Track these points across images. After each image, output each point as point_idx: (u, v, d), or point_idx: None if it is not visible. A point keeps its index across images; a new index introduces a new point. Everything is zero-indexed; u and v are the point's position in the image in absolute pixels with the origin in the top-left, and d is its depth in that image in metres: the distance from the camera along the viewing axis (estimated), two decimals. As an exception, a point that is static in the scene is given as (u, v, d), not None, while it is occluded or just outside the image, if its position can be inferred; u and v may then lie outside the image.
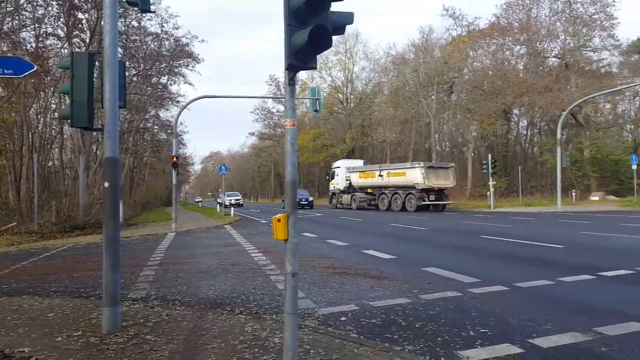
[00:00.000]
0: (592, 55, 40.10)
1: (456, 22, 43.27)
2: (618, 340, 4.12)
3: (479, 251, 10.34)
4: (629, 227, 14.93)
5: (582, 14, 37.76)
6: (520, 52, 41.50)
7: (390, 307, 5.47)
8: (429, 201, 27.81)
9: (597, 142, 39.20)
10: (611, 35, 37.56)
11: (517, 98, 37.88)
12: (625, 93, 42.06)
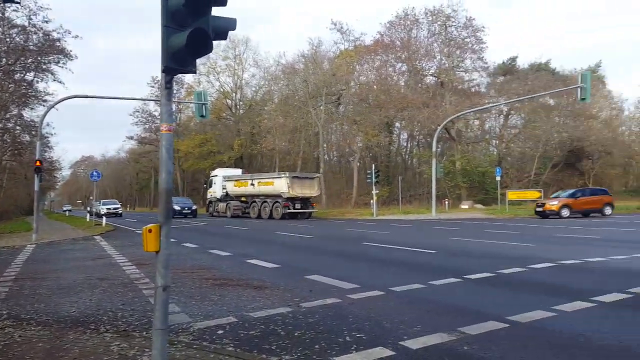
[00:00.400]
0: (464, 75, 44.45)
1: (344, 36, 45.18)
2: (478, 339, 4.52)
3: (360, 258, 10.79)
4: (492, 233, 16.64)
5: (455, 37, 41.66)
6: (401, 69, 44.54)
7: (270, 317, 5.45)
8: (294, 209, 29.77)
9: (467, 155, 43.37)
10: (480, 58, 41.99)
11: (399, 112, 40.53)
12: (491, 111, 47.17)
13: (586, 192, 27.26)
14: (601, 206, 25.98)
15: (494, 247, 12.38)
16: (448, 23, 41.10)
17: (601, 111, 55.00)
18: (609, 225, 18.98)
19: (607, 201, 26.42)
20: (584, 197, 25.97)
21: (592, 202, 25.91)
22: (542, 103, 46.10)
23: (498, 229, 18.58)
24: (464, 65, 43.08)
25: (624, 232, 16.01)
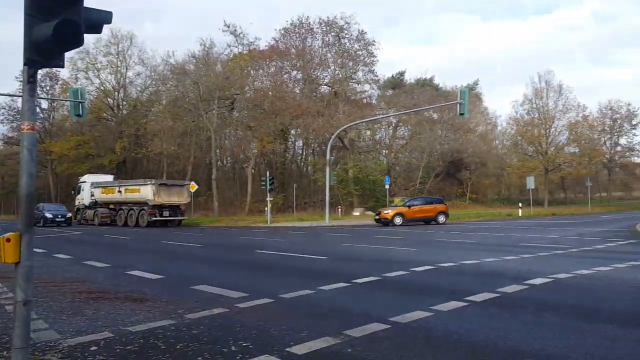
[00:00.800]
0: (357, 86, 46.42)
1: (237, 39, 44.79)
2: (362, 341, 4.70)
3: (251, 266, 10.71)
4: (381, 238, 17.48)
5: (349, 48, 43.37)
6: (297, 77, 45.24)
7: (151, 331, 5.18)
8: (161, 217, 29.76)
9: (359, 163, 45.23)
10: (372, 71, 44.17)
11: (294, 120, 41.12)
12: (382, 122, 49.78)
13: (425, 201, 28.76)
14: (434, 215, 27.23)
15: (382, 252, 13.00)
16: (342, 35, 42.67)
17: (478, 126, 60.73)
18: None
19: (441, 210, 27.68)
20: (418, 206, 27.21)
21: (425, 211, 27.17)
22: (426, 116, 49.71)
23: (386, 234, 19.56)
24: (357, 77, 45.02)
25: (496, 237, 17.69)
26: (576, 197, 65.59)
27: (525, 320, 5.42)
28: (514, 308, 6.02)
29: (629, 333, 4.86)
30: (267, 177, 31.24)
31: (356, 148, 47.82)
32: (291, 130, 46.16)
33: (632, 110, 58.29)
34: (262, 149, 41.22)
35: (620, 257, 10.93)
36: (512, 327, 5.12)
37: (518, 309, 5.98)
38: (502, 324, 5.26)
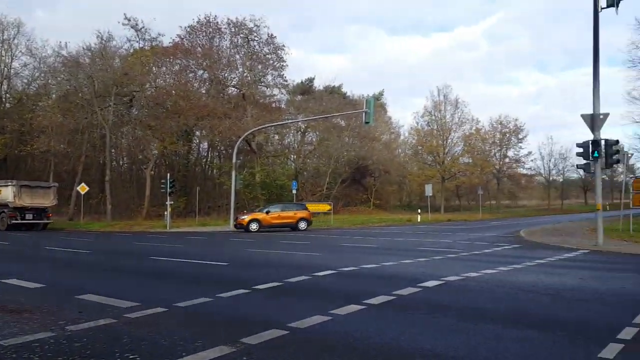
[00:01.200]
0: (266, 90, 46.25)
1: (139, 34, 42.72)
2: (259, 348, 4.63)
3: (145, 273, 10.20)
4: (286, 243, 17.51)
5: (258, 51, 43.11)
6: (203, 77, 44.10)
7: (26, 345, 4.72)
8: (24, 220, 28.63)
9: (267, 168, 45.07)
10: (281, 75, 44.23)
11: (199, 121, 40.00)
12: (290, 127, 50.10)
13: (285, 207, 28.12)
14: (295, 221, 26.83)
15: (286, 257, 13.02)
16: (251, 37, 42.33)
17: (383, 134, 63.31)
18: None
19: (302, 216, 27.19)
20: (277, 213, 26.82)
21: (285, 217, 26.81)
22: (334, 123, 50.86)
23: (292, 239, 19.64)
24: (266, 81, 44.88)
25: (396, 242, 18.47)
26: (469, 204, 70.60)
27: (418, 322, 5.69)
28: (408, 310, 6.30)
29: (509, 331, 5.27)
30: (168, 179, 30.05)
31: (264, 152, 47.64)
32: (196, 131, 44.85)
33: (519, 125, 64.18)
34: (164, 150, 39.58)
35: (505, 260, 11.91)
36: (405, 328, 5.34)
37: (412, 310, 6.26)
38: (396, 326, 5.47)
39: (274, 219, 26.47)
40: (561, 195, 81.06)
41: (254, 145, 43.41)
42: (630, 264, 11.82)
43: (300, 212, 27.59)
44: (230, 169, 32.95)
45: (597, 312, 6.27)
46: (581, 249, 15.04)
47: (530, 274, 9.65)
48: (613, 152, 15.73)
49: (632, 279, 9.07)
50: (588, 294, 7.47)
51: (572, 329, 5.35)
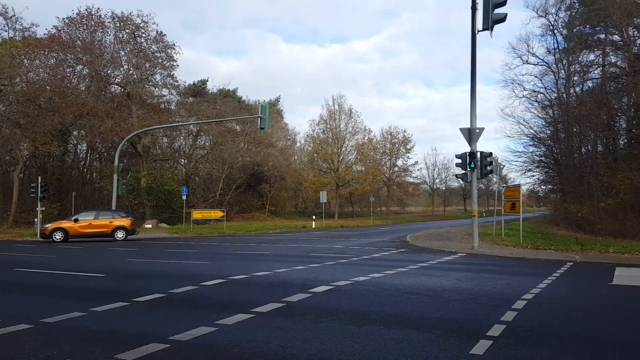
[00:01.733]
0: (154, 90, 44.30)
1: (8, 22, 38.78)
2: (136, 363, 4.40)
3: (8, 287, 9.22)
4: (173, 252, 16.86)
5: (145, 49, 41.19)
6: (82, 73, 41.14)
7: None
8: None
9: (154, 172, 43.12)
10: (171, 75, 42.65)
11: (77, 120, 37.21)
12: (181, 130, 48.41)
13: (98, 214, 25.04)
14: (110, 230, 24.38)
15: (172, 266, 12.53)
16: (137, 33, 40.36)
17: (279, 141, 63.69)
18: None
19: (120, 225, 24.60)
20: (88, 221, 24.31)
21: (97, 226, 24.29)
22: (229, 127, 50.14)
23: (180, 248, 18.95)
24: (154, 80, 43.03)
25: (290, 248, 18.59)
26: (362, 210, 73.35)
27: (306, 327, 5.77)
28: (296, 316, 6.36)
29: (392, 332, 5.54)
30: (39, 183, 27.52)
31: (151, 155, 45.51)
32: (73, 131, 41.62)
33: (407, 136, 68.15)
34: (35, 150, 36.21)
35: (391, 264, 12.53)
36: (293, 335, 5.39)
37: (300, 317, 6.34)
38: (284, 333, 5.50)
39: (84, 228, 24.00)
40: (444, 203, 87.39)
41: (139, 147, 41.33)
42: (500, 265, 13.03)
43: (119, 220, 24.87)
44: (112, 173, 31.04)
45: (470, 311, 6.81)
46: (459, 253, 16.28)
47: (413, 276, 10.24)
48: (487, 163, 17.27)
49: (501, 280, 10.00)
50: (463, 294, 8.10)
51: (448, 328, 5.76)
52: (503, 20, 15.83)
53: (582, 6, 36.35)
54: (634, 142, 30.38)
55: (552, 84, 41.91)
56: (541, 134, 43.90)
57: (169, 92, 45.32)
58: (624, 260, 14.01)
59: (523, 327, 5.88)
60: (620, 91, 32.80)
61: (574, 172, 34.51)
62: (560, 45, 40.42)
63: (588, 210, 28.93)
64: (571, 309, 7.28)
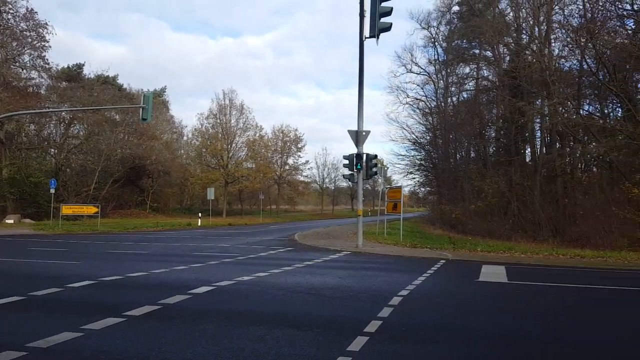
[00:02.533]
0: (21, 71, 40.10)
1: None
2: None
3: None
4: (38, 251, 15.39)
5: (12, 26, 37.20)
6: None
7: None
8: None
9: (18, 162, 39.12)
10: (41, 57, 38.89)
11: None
12: (51, 117, 44.35)
13: None
14: None
15: (35, 266, 11.44)
16: (4, 9, 36.32)
17: (163, 134, 61.00)
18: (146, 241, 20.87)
19: None
20: None
21: None
22: (107, 117, 46.90)
23: (46, 246, 17.36)
24: (22, 61, 38.98)
25: (172, 247, 17.87)
26: (251, 208, 72.93)
27: (182, 330, 5.55)
28: (173, 319, 6.11)
29: (273, 332, 5.53)
30: None
31: (15, 144, 41.19)
32: None
33: (298, 135, 69.08)
34: None
35: (278, 263, 12.58)
36: (168, 339, 5.17)
37: (178, 319, 6.10)
38: (159, 337, 5.25)
39: None
40: (333, 202, 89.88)
41: (1, 134, 37.26)
42: (381, 263, 13.68)
43: None
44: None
45: (350, 309, 7.04)
46: (344, 251, 16.83)
47: (298, 275, 10.37)
48: (373, 165, 18.06)
49: (381, 277, 10.50)
50: (345, 292, 8.36)
51: (329, 326, 5.90)
52: (388, 29, 16.64)
53: (460, 22, 39.47)
54: (501, 150, 33.65)
55: (432, 93, 45.07)
56: (422, 140, 47.02)
57: (39, 75, 41.34)
58: (490, 258, 15.41)
59: (398, 322, 6.20)
60: (491, 103, 36.14)
61: (450, 176, 37.36)
62: (441, 57, 43.58)
63: (461, 211, 31.49)
64: (442, 304, 7.84)
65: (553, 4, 28.69)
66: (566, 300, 8.60)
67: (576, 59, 28.22)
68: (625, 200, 21.35)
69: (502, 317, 6.98)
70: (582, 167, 29.88)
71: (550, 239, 22.72)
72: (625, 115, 23.96)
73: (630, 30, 23.99)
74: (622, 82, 23.36)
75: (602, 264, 14.24)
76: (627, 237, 19.95)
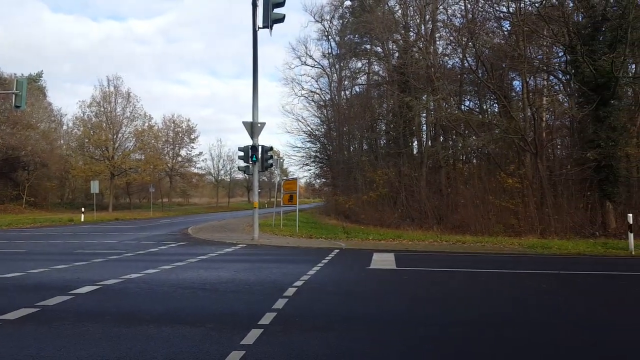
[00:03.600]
0: None
1: None
2: None
3: None
4: None
5: None
6: None
7: None
8: None
9: None
10: None
11: None
12: None
13: None
14: None
15: None
16: None
17: (40, 122, 56.01)
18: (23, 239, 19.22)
19: None
20: None
21: None
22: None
23: None
24: None
25: (52, 245, 16.54)
26: (141, 202, 69.61)
27: (64, 333, 5.21)
28: (53, 322, 5.70)
29: (163, 330, 5.37)
30: None
31: None
32: None
33: (191, 125, 66.98)
34: None
35: (170, 258, 12.18)
36: (48, 343, 4.83)
37: (58, 322, 5.69)
38: (37, 341, 4.89)
39: None
40: (229, 194, 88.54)
41: None
42: (277, 255, 13.80)
43: None
44: None
45: (245, 302, 7.03)
46: (240, 244, 16.72)
47: (191, 270, 10.14)
48: (268, 157, 18.07)
49: (276, 269, 10.59)
50: (240, 285, 8.33)
51: (222, 320, 5.86)
52: (282, 20, 16.70)
53: (352, 17, 40.66)
54: (391, 142, 35.31)
55: (326, 86, 46.07)
56: (317, 132, 47.96)
57: None
58: (380, 246, 16.18)
59: (292, 313, 6.32)
60: (382, 97, 37.75)
61: (344, 167, 38.52)
62: (334, 51, 44.60)
63: (354, 201, 32.64)
64: (335, 292, 8.11)
65: (437, 4, 30.60)
66: (450, 283, 9.31)
67: (458, 57, 30.44)
68: (501, 189, 23.47)
69: (392, 302, 7.38)
70: (464, 158, 32.32)
71: (435, 226, 24.34)
72: (501, 111, 26.32)
73: (506, 32, 26.32)
74: (498, 80, 25.60)
75: (481, 249, 15.57)
76: (502, 223, 21.94)
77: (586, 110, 20.72)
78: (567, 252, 14.77)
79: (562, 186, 22.74)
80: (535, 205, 21.96)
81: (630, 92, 23.96)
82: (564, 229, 19.97)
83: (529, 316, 6.44)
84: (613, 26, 20.13)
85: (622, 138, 20.90)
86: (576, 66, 21.41)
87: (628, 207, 19.92)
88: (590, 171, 21.08)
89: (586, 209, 21.52)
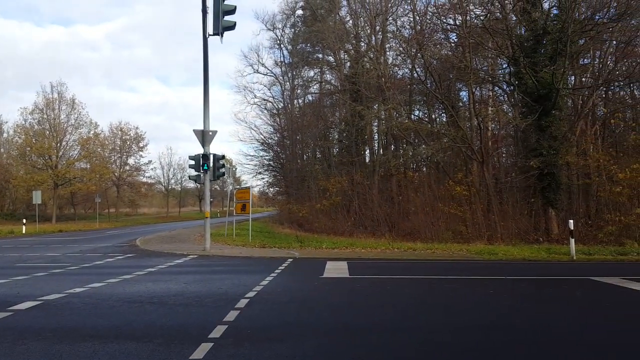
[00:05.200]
0: None
1: None
2: None
3: None
4: None
5: None
6: None
7: None
8: None
9: None
10: None
11: None
12: None
13: None
14: None
15: None
16: None
17: (-22, 129, 53.16)
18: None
19: None
20: None
21: None
22: None
23: None
24: None
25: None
26: (86, 212, 67.08)
27: (3, 352, 4.95)
28: (-12, 343, 5.39)
29: (108, 347, 5.18)
30: None
31: None
32: None
33: (140, 133, 65.26)
34: None
35: (116, 271, 11.77)
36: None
37: (-7, 342, 5.40)
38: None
39: None
40: (179, 203, 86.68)
41: None
42: (229, 265, 13.60)
43: None
44: None
45: (195, 315, 6.88)
46: (191, 255, 16.38)
47: (139, 283, 9.84)
48: (220, 165, 17.83)
49: (228, 280, 10.44)
50: (190, 298, 8.15)
51: (171, 335, 5.70)
52: (232, 28, 16.61)
53: (304, 26, 40.93)
54: (344, 151, 35.64)
55: (279, 94, 46.02)
56: (270, 140, 47.75)
57: None
58: (334, 254, 16.24)
59: (244, 325, 6.23)
60: (334, 106, 38.08)
61: (297, 176, 38.52)
62: (287, 59, 44.68)
63: (307, 210, 32.63)
64: (287, 302, 8.07)
65: (387, 15, 31.25)
66: (401, 290, 9.45)
67: (408, 68, 31.15)
68: (450, 197, 24.08)
69: (344, 311, 7.42)
70: (414, 167, 33.00)
71: (387, 233, 24.67)
72: (449, 121, 27.09)
73: (453, 43, 27.16)
74: (446, 90, 26.36)
75: (431, 256, 15.90)
76: (451, 230, 22.51)
77: (529, 120, 21.61)
78: (512, 257, 15.32)
79: (507, 193, 23.61)
80: (482, 212, 22.67)
81: (570, 102, 25.25)
82: (510, 235, 20.71)
83: (479, 322, 6.63)
84: (553, 39, 21.16)
85: (563, 147, 21.94)
86: (519, 78, 22.36)
87: (569, 213, 20.89)
88: (534, 179, 21.98)
89: (530, 216, 22.40)
